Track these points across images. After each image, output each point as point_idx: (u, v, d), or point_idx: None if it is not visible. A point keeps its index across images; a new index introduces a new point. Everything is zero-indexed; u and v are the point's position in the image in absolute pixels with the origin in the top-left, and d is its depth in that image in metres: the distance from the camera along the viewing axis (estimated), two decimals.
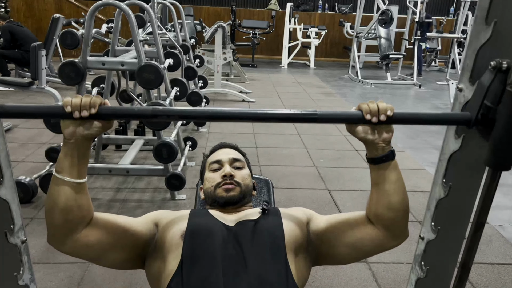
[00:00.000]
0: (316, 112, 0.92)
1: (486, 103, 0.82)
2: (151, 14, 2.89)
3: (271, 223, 1.15)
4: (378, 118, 0.93)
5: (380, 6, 7.76)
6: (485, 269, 2.26)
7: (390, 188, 1.04)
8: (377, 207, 1.07)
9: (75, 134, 0.94)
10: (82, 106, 0.88)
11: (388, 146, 1.01)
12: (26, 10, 9.22)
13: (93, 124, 0.93)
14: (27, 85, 4.31)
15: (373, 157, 1.03)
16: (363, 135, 0.98)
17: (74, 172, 0.97)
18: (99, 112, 0.90)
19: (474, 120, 0.85)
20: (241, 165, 1.35)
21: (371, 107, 0.94)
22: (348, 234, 1.13)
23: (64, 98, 0.90)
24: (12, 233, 0.97)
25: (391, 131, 0.99)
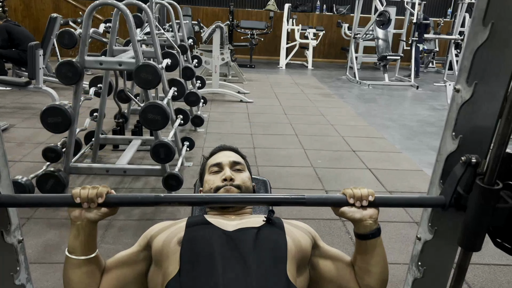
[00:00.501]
0: (304, 196, 1.02)
1: (459, 191, 0.91)
2: (149, 14, 2.88)
3: (274, 233, 1.15)
4: (361, 203, 1.03)
5: (378, 7, 7.78)
6: (482, 269, 2.26)
7: (373, 260, 1.11)
8: (358, 271, 1.15)
9: (80, 217, 1.02)
10: (89, 199, 0.98)
11: (375, 223, 1.08)
12: (24, 10, 9.19)
13: (100, 210, 1.01)
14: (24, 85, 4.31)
15: (361, 234, 1.09)
16: (351, 214, 1.05)
17: (84, 250, 1.06)
18: (106, 201, 0.99)
19: (448, 203, 0.94)
20: (241, 168, 1.34)
21: (355, 192, 1.04)
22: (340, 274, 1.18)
23: (73, 190, 0.99)
24: (8, 233, 0.96)
25: (377, 209, 1.07)
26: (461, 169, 0.89)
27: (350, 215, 1.05)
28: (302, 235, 1.19)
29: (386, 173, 3.52)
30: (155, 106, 2.50)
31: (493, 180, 0.82)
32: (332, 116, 5.39)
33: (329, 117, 5.32)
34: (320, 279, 1.19)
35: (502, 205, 0.85)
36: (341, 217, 1.07)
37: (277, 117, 5.26)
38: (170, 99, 3.32)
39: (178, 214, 2.62)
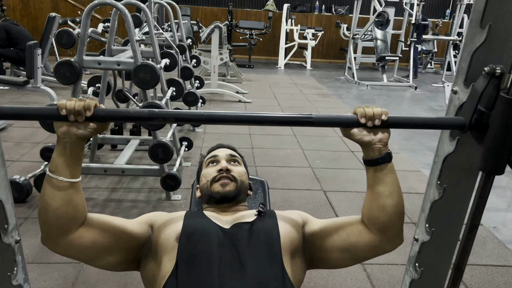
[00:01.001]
0: (312, 115, 0.94)
1: (480, 108, 0.82)
2: (147, 13, 2.88)
3: (267, 225, 1.15)
4: (373, 122, 0.95)
5: (377, 8, 7.79)
6: (479, 270, 2.27)
7: (385, 190, 1.03)
8: (371, 210, 1.06)
9: (68, 133, 0.94)
10: (76, 110, 0.90)
11: (385, 147, 1.01)
12: (22, 9, 9.18)
13: (88, 125, 0.94)
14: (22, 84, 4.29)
15: (370, 159, 1.03)
16: (360, 137, 0.99)
17: (67, 171, 0.97)
18: (94, 115, 0.91)
19: (468, 124, 0.85)
20: (238, 162, 1.35)
21: (367, 111, 0.95)
22: (342, 238, 1.12)
23: (59, 101, 0.91)
24: (6, 233, 0.96)
25: (388, 132, 1.00)
26: (483, 82, 0.80)
27: (359, 137, 0.99)
28: (292, 224, 1.18)
29: None
30: (153, 106, 2.49)
31: None
32: None
33: None
34: (329, 252, 1.15)
35: None
36: (350, 138, 1.01)
37: None
38: (168, 99, 3.31)
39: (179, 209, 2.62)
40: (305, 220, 1.22)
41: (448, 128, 0.94)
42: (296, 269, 1.13)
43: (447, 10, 11.41)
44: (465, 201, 0.98)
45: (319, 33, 9.79)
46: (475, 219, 0.88)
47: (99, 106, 0.94)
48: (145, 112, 0.92)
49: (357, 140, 1.00)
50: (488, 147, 0.80)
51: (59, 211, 0.98)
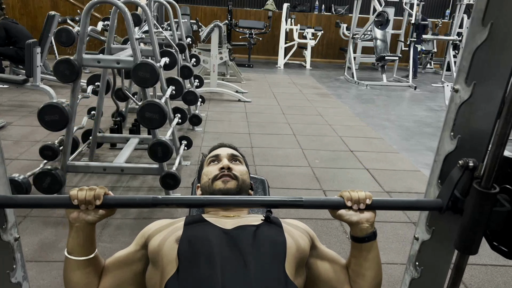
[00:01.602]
0: (302, 198, 1.01)
1: (456, 194, 0.91)
2: (147, 12, 2.88)
3: (273, 231, 1.15)
4: (358, 206, 1.03)
5: (377, 7, 7.79)
6: (479, 270, 2.27)
7: (367, 264, 1.11)
8: (352, 274, 1.15)
9: (78, 219, 1.01)
10: (87, 200, 0.97)
11: (371, 227, 1.08)
12: (21, 7, 9.16)
13: (97, 212, 1.01)
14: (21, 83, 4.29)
15: (357, 237, 1.09)
16: (348, 217, 1.05)
17: (82, 251, 1.06)
18: (103, 203, 0.99)
19: (445, 207, 0.94)
20: (239, 161, 1.35)
21: (352, 195, 1.03)
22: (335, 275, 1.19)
23: (71, 191, 0.98)
24: (5, 231, 0.96)
25: (374, 212, 1.07)
26: (458, 173, 0.89)
27: (347, 218, 1.05)
28: (300, 235, 1.19)
29: (384, 173, 3.52)
30: (153, 104, 2.49)
31: (490, 184, 0.82)
32: (330, 116, 5.39)
33: (327, 117, 5.32)
34: (316, 280, 1.20)
35: (499, 209, 0.85)
36: (338, 219, 1.07)
37: (275, 117, 5.26)
38: (168, 98, 3.31)
39: (175, 213, 2.62)
40: (313, 237, 1.24)
41: (427, 209, 1.02)
42: (299, 279, 1.13)
43: (447, 10, 11.42)
44: None
45: (318, 33, 9.79)
46: None
47: (108, 194, 1.00)
48: (149, 198, 1.00)
49: (346, 220, 1.06)
50: (463, 230, 0.87)
51: (80, 284, 1.08)
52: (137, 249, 1.18)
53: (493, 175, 0.81)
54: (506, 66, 0.80)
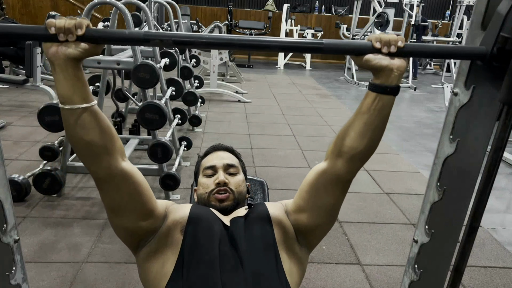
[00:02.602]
0: (322, 42, 0.87)
1: (503, 35, 0.75)
2: (147, 13, 2.88)
3: (260, 218, 1.18)
4: (389, 49, 0.87)
5: (377, 8, 7.79)
6: (478, 272, 2.27)
7: (375, 122, 0.98)
8: (349, 138, 1.02)
9: (57, 53, 0.86)
10: (67, 28, 0.82)
11: (399, 78, 0.92)
12: (22, 7, 9.16)
13: (79, 45, 0.85)
14: (21, 83, 4.29)
15: (379, 84, 0.93)
16: (377, 61, 0.88)
17: (75, 97, 0.90)
18: (86, 34, 0.84)
19: (489, 54, 0.78)
20: (235, 171, 1.33)
21: (382, 36, 0.88)
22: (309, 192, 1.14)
23: (48, 20, 0.84)
24: (4, 232, 0.96)
25: (406, 60, 0.92)
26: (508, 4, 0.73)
27: (376, 62, 0.88)
28: (280, 211, 1.22)
29: (383, 174, 3.52)
30: (153, 105, 2.49)
31: None
32: (330, 117, 5.39)
33: (326, 118, 5.32)
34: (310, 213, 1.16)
35: None
36: (364, 66, 0.90)
37: (274, 118, 5.26)
38: (168, 98, 3.31)
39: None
40: (285, 205, 1.25)
41: (468, 58, 0.86)
42: (294, 258, 1.16)
43: (447, 11, 11.42)
44: (465, 203, 0.98)
45: (318, 34, 9.80)
46: (474, 221, 0.88)
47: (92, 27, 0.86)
48: (141, 33, 0.86)
49: (374, 65, 0.89)
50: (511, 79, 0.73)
51: (84, 139, 0.94)
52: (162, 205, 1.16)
53: None
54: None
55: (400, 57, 0.89)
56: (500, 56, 0.76)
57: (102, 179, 1.01)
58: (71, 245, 2.27)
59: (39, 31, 0.84)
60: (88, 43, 0.85)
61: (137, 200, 1.06)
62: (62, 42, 0.84)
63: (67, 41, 0.84)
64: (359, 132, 0.99)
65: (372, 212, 2.84)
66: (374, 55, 0.88)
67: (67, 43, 0.85)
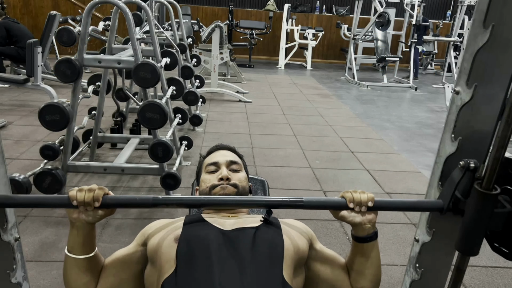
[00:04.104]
0: (303, 199, 1.02)
1: (457, 195, 0.91)
2: (148, 12, 2.88)
3: (272, 233, 1.14)
4: (361, 208, 1.03)
5: (378, 8, 7.79)
6: (479, 272, 2.26)
7: (368, 263, 1.13)
8: (352, 273, 1.16)
9: (79, 219, 1.02)
10: (86, 202, 0.98)
11: (373, 228, 1.10)
12: (23, 7, 9.17)
13: (97, 212, 1.01)
14: (22, 82, 4.30)
15: (359, 237, 1.11)
16: (351, 218, 1.06)
17: (82, 249, 1.07)
18: (103, 203, 0.99)
19: (446, 208, 0.94)
20: (238, 168, 1.34)
21: (355, 196, 1.03)
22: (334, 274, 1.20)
23: (70, 191, 0.99)
24: (5, 231, 0.96)
25: (375, 213, 1.08)
26: (459, 174, 0.89)
27: (350, 219, 1.06)
28: (299, 236, 1.19)
29: (384, 174, 3.52)
30: (153, 105, 2.49)
31: (491, 185, 0.82)
32: (331, 117, 5.39)
33: (327, 118, 5.32)
34: (315, 280, 1.21)
35: (500, 210, 0.85)
36: (340, 220, 1.08)
37: (275, 117, 5.26)
38: (168, 98, 3.31)
39: (175, 213, 2.62)
40: (311, 237, 1.23)
41: (428, 210, 1.02)
42: (297, 280, 1.13)
43: (448, 11, 11.41)
44: None
45: (319, 34, 9.79)
46: None
47: (108, 194, 1.01)
48: (150, 198, 1.00)
49: (349, 222, 1.06)
50: (464, 231, 0.87)
51: (78, 282, 1.09)
52: (137, 248, 1.18)
53: (494, 176, 0.81)
54: (507, 68, 0.80)
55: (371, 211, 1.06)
56: (455, 210, 0.93)
57: None
58: None
59: (64, 202, 1.00)
60: (104, 209, 1.02)
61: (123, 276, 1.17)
62: None
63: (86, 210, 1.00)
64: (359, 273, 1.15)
65: None
66: (348, 212, 1.05)
67: (87, 211, 1.01)
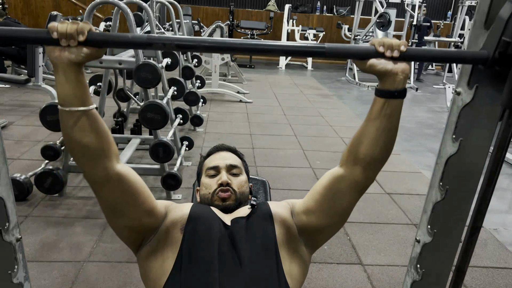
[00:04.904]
0: (324, 46, 0.87)
1: (505, 39, 0.75)
2: (149, 13, 2.88)
3: (262, 218, 1.17)
4: (392, 53, 0.88)
5: (378, 9, 7.79)
6: (480, 272, 2.26)
7: (387, 125, 0.99)
8: (363, 144, 1.02)
9: (60, 57, 0.87)
10: (69, 33, 0.83)
11: (405, 81, 0.93)
12: (23, 7, 9.18)
13: (82, 50, 0.86)
14: (23, 82, 4.29)
15: (386, 90, 0.94)
16: (382, 66, 0.90)
17: (75, 100, 0.91)
18: (88, 39, 0.85)
19: (491, 58, 0.78)
20: (238, 172, 1.33)
21: (385, 41, 0.89)
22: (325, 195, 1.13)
23: (50, 24, 0.84)
24: (7, 231, 0.96)
25: (409, 64, 0.93)
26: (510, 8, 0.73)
27: (381, 67, 0.89)
28: (284, 210, 1.21)
29: (385, 174, 3.52)
30: (154, 105, 2.49)
31: None
32: (331, 117, 5.39)
33: (328, 118, 5.32)
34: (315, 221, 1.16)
35: None
36: (368, 71, 0.92)
37: (276, 118, 5.26)
38: (169, 98, 3.31)
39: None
40: (291, 205, 1.24)
41: (470, 62, 0.86)
42: (295, 258, 1.15)
43: (449, 11, 11.41)
44: (467, 203, 0.98)
45: (320, 34, 9.79)
46: (477, 221, 0.88)
47: (94, 30, 0.87)
48: (144, 37, 0.86)
49: (379, 69, 0.90)
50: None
51: (82, 141, 0.94)
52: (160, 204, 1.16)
53: None
54: None
55: (403, 61, 0.90)
56: (502, 60, 0.76)
57: (99, 182, 1.01)
58: (73, 245, 2.28)
59: (41, 35, 0.85)
60: (90, 48, 0.87)
61: (135, 199, 1.06)
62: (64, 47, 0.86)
63: (69, 46, 0.85)
64: (373, 138, 1.00)
65: (374, 212, 2.84)
66: (377, 59, 0.90)
67: (70, 48, 0.86)
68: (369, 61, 0.90)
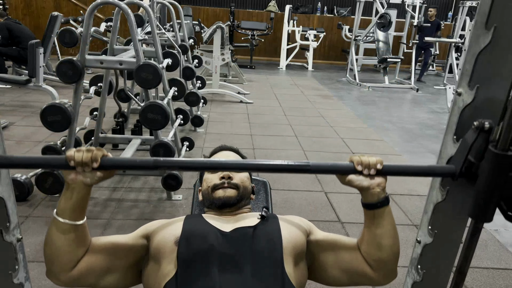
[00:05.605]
0: (309, 163, 0.97)
1: (470, 159, 0.86)
2: (150, 13, 2.88)
3: (270, 229, 1.15)
4: (369, 171, 0.98)
5: (379, 9, 7.78)
6: (480, 273, 2.26)
7: (383, 232, 1.07)
8: (369, 247, 1.11)
9: (76, 180, 0.97)
10: (84, 162, 0.93)
11: (383, 192, 1.04)
12: (24, 8, 9.18)
13: (95, 174, 0.97)
14: (24, 83, 4.30)
15: (369, 203, 1.05)
16: (358, 182, 1.01)
17: (73, 215, 1.01)
18: (101, 165, 0.95)
19: (458, 173, 0.89)
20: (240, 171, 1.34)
21: (363, 159, 0.98)
22: (344, 260, 1.16)
23: (67, 152, 0.94)
24: (7, 231, 0.96)
25: (385, 178, 1.03)
26: (473, 135, 0.84)
27: (358, 183, 1.01)
28: (296, 230, 1.19)
29: None
30: (155, 105, 2.49)
31: (507, 146, 0.77)
32: (332, 118, 5.39)
33: (328, 119, 5.32)
34: (324, 268, 1.18)
35: None
36: (348, 185, 1.03)
37: (276, 118, 5.26)
38: (170, 99, 3.31)
39: (177, 215, 2.62)
40: (309, 228, 1.22)
41: (440, 176, 0.98)
42: (299, 273, 1.13)
43: (449, 12, 11.40)
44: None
45: (321, 35, 9.79)
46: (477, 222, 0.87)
47: (106, 155, 0.97)
48: (151, 160, 0.96)
49: (356, 186, 1.02)
50: (477, 196, 0.84)
51: (61, 250, 1.02)
52: (138, 240, 1.15)
53: (509, 137, 0.76)
54: (509, 70, 0.80)
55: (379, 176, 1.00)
56: (468, 175, 0.87)
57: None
58: None
59: (60, 162, 0.96)
60: (102, 171, 0.97)
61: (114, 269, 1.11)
62: None
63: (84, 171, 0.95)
64: (375, 245, 1.09)
65: None
66: (356, 176, 1.00)
67: (84, 172, 0.96)
68: (348, 177, 1.01)
